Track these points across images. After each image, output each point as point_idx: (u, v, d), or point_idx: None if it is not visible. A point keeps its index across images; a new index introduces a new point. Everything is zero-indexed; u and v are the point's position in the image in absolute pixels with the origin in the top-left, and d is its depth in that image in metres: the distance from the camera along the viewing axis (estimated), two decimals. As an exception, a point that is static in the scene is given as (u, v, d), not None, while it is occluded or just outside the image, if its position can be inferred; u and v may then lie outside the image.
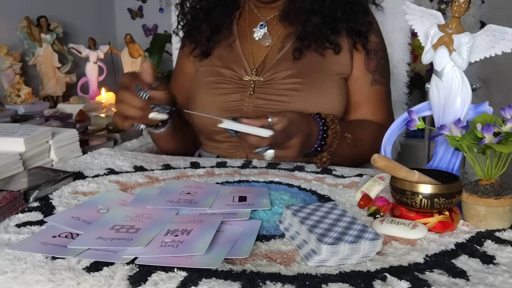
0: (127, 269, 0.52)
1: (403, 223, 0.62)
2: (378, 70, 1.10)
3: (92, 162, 0.98)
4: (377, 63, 1.09)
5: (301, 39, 1.06)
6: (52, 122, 1.57)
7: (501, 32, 0.66)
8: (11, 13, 2.28)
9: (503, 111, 0.65)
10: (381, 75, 1.10)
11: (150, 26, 3.26)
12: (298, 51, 1.05)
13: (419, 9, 0.73)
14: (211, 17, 1.14)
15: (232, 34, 1.14)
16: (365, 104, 1.09)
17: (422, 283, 0.49)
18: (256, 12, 1.15)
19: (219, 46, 1.14)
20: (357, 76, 1.09)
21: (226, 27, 1.13)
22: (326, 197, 0.78)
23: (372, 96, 1.09)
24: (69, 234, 0.61)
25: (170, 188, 0.79)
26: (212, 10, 1.14)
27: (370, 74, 1.09)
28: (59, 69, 2.40)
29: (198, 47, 1.15)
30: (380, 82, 1.10)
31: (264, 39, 1.12)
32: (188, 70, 1.20)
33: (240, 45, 1.12)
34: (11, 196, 0.69)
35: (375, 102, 1.10)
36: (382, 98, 1.11)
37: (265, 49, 1.11)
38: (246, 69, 1.09)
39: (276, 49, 1.10)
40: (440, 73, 0.71)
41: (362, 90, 1.09)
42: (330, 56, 1.06)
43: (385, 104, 1.12)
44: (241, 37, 1.13)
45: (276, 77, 1.05)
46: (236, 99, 1.07)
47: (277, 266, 0.53)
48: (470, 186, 0.66)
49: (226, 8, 1.14)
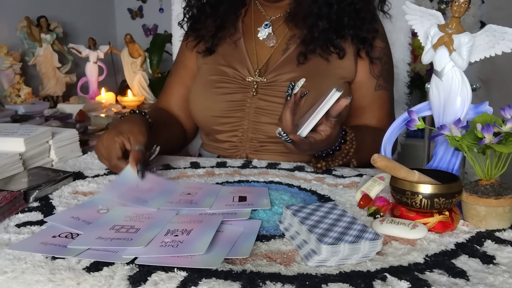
0: (127, 269, 0.52)
1: (403, 223, 0.62)
2: (383, 75, 1.09)
3: (92, 162, 0.98)
4: (381, 68, 1.09)
5: (306, 43, 1.05)
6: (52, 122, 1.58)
7: (501, 32, 0.66)
8: (11, 13, 2.28)
9: (503, 111, 0.65)
10: (385, 80, 1.10)
11: (150, 26, 3.26)
12: (303, 55, 1.04)
13: (419, 9, 0.73)
14: (217, 12, 1.13)
15: (237, 32, 1.13)
16: (369, 109, 1.09)
17: (422, 283, 0.49)
18: (261, 10, 1.15)
19: (223, 43, 1.13)
20: (361, 81, 1.08)
21: (231, 23, 1.12)
22: (326, 197, 0.78)
23: (376, 101, 1.09)
24: (69, 234, 0.61)
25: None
26: (218, 5, 1.13)
27: (374, 79, 1.08)
28: (59, 69, 2.41)
29: (202, 43, 1.14)
30: (384, 87, 1.10)
31: (269, 39, 1.11)
32: (189, 64, 1.18)
33: (245, 43, 1.11)
34: (11, 196, 0.69)
35: (379, 107, 1.09)
36: (386, 103, 1.11)
37: (269, 49, 1.10)
38: (250, 69, 1.08)
39: (280, 50, 1.09)
40: (440, 73, 0.71)
41: (365, 95, 1.08)
42: (334, 60, 1.05)
43: (388, 110, 1.11)
44: (245, 36, 1.13)
45: (279, 79, 1.05)
46: (238, 99, 1.06)
47: (277, 266, 0.53)
48: (470, 186, 0.66)
49: (232, 3, 1.13)
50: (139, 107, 2.18)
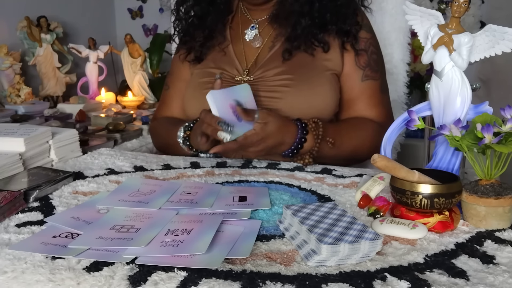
0: (127, 269, 0.52)
1: (403, 223, 0.62)
2: (370, 65, 1.10)
3: (92, 162, 0.98)
4: (368, 58, 1.09)
5: (290, 40, 1.07)
6: (52, 122, 1.57)
7: (501, 32, 0.67)
8: (11, 13, 2.28)
9: (503, 111, 0.65)
10: (373, 70, 1.10)
11: (150, 26, 3.26)
12: (288, 52, 1.06)
13: (419, 9, 0.73)
14: (205, 23, 1.15)
15: (226, 40, 1.15)
16: (358, 100, 1.10)
17: (422, 283, 0.49)
18: (247, 14, 1.17)
19: (212, 51, 1.16)
20: (347, 73, 1.09)
21: (219, 32, 1.15)
22: (326, 197, 0.78)
23: (365, 92, 1.09)
24: (69, 234, 0.61)
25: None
26: (205, 16, 1.16)
27: (360, 70, 1.09)
28: (59, 69, 2.40)
29: (192, 53, 1.17)
30: (372, 77, 1.10)
31: (255, 40, 1.13)
32: (184, 75, 1.21)
33: (233, 47, 1.14)
34: (11, 196, 0.69)
35: (368, 97, 1.10)
36: (376, 93, 1.11)
37: (257, 50, 1.13)
38: (238, 69, 1.11)
39: (266, 49, 1.12)
40: (440, 73, 0.71)
41: (353, 86, 1.09)
42: (320, 54, 1.07)
43: (379, 99, 1.11)
44: (233, 40, 1.15)
45: (267, 74, 1.07)
46: None
47: (277, 266, 0.53)
48: (470, 186, 0.66)
49: (219, 13, 1.16)
50: (139, 107, 2.18)
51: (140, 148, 1.39)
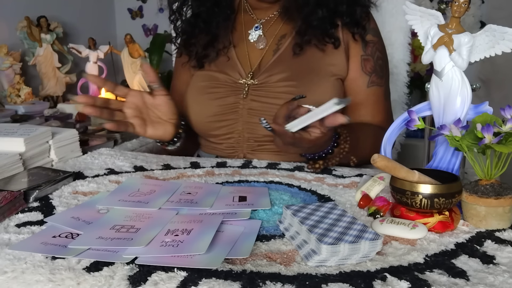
0: (127, 269, 0.52)
1: (403, 223, 0.62)
2: (376, 71, 1.09)
3: (92, 162, 0.98)
4: (374, 64, 1.09)
5: (301, 33, 1.05)
6: (52, 122, 1.57)
7: (501, 32, 0.66)
8: (11, 13, 2.28)
9: (503, 111, 0.65)
10: (378, 76, 1.10)
11: (150, 26, 3.26)
12: (299, 46, 1.05)
13: (419, 9, 0.73)
14: (209, 28, 1.13)
15: (229, 44, 1.13)
16: (362, 106, 1.09)
17: (422, 283, 0.49)
18: (251, 14, 1.15)
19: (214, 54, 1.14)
20: (353, 78, 1.08)
21: (223, 36, 1.13)
22: (326, 197, 0.78)
23: (370, 98, 1.09)
24: (69, 234, 0.61)
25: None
26: (209, 19, 1.13)
27: (366, 76, 1.08)
28: (59, 69, 2.40)
29: (193, 58, 1.15)
30: (378, 83, 1.09)
31: (259, 41, 1.11)
32: (186, 79, 1.19)
33: (236, 50, 1.12)
34: (11, 196, 0.69)
35: (373, 103, 1.09)
36: (380, 99, 1.10)
37: (261, 51, 1.11)
38: (241, 72, 1.09)
39: (271, 51, 1.10)
40: (440, 73, 0.71)
41: (358, 92, 1.08)
42: (326, 56, 1.06)
43: (383, 106, 1.11)
44: (237, 42, 1.14)
45: (270, 79, 1.05)
46: (231, 102, 1.07)
47: (277, 266, 0.53)
48: (470, 186, 0.66)
49: (222, 16, 1.13)
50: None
51: (140, 148, 1.39)
